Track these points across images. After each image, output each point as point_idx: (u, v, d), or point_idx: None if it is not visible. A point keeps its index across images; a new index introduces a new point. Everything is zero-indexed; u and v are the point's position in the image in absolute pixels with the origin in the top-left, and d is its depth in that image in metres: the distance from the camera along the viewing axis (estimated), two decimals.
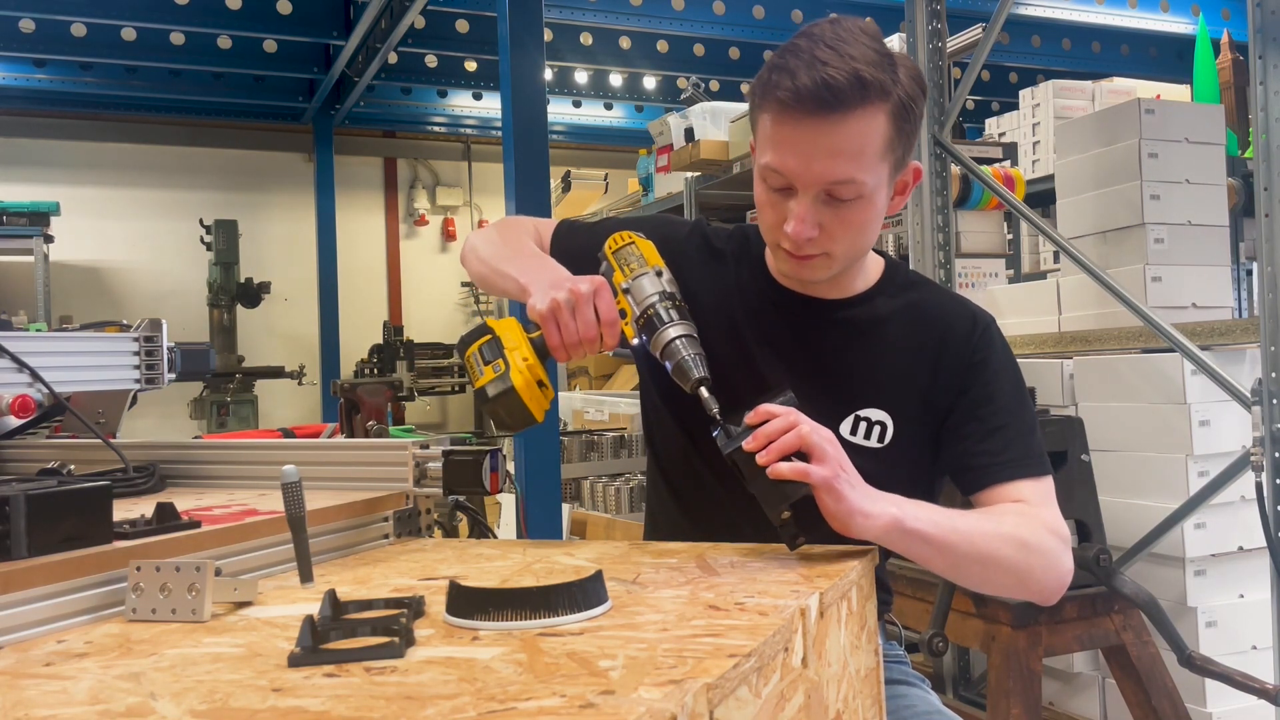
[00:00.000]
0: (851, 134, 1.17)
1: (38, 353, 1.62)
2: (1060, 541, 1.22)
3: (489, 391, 1.17)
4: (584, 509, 4.90)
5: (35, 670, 0.80)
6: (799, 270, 1.28)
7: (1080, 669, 2.80)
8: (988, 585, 1.25)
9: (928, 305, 1.36)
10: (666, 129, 5.20)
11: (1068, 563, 1.22)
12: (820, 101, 1.15)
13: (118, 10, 5.95)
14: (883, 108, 1.17)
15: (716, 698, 0.69)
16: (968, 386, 1.31)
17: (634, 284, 1.23)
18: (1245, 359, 2.56)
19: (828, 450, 1.08)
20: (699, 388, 1.17)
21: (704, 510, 1.39)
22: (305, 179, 8.46)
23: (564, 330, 1.17)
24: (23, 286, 6.93)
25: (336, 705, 0.67)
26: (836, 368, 1.34)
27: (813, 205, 1.20)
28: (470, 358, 1.20)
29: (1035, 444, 1.29)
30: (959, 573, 1.21)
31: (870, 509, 1.08)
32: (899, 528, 1.10)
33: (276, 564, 1.14)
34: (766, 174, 1.23)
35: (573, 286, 1.18)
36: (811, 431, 1.08)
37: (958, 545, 1.15)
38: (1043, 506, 1.25)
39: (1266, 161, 2.26)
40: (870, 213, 1.23)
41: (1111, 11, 6.16)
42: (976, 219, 3.74)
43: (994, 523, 1.20)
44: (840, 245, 1.24)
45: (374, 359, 7.92)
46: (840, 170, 1.18)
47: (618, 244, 1.28)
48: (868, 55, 1.16)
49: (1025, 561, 1.19)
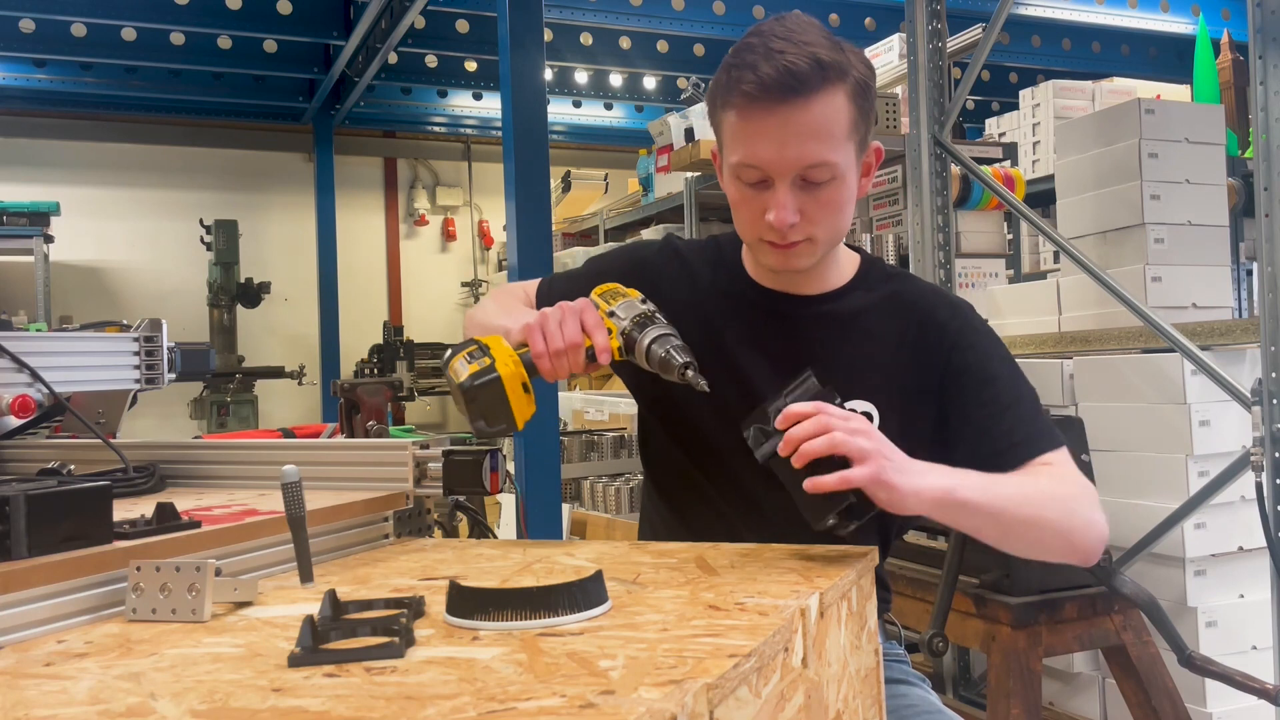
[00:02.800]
0: (818, 115, 1.20)
1: (38, 353, 1.63)
2: (1093, 500, 1.24)
3: (474, 381, 1.14)
4: (584, 509, 4.91)
5: (35, 670, 0.80)
6: (784, 260, 1.30)
7: (1080, 669, 2.80)
8: (1036, 549, 1.24)
9: (905, 295, 1.38)
10: (666, 129, 5.20)
11: (1104, 520, 1.24)
12: (785, 88, 1.18)
13: (118, 10, 5.94)
14: (842, 88, 1.21)
15: (716, 698, 0.69)
16: (960, 376, 1.31)
17: (617, 308, 1.24)
18: (1245, 359, 2.56)
19: (864, 446, 1.06)
20: (685, 371, 1.16)
21: (703, 520, 1.39)
22: (305, 179, 8.45)
23: (549, 338, 1.17)
24: (23, 286, 6.92)
25: (336, 705, 0.67)
26: (819, 362, 1.34)
27: (790, 192, 1.22)
28: (455, 364, 1.18)
29: (1044, 418, 1.32)
30: (1008, 537, 1.21)
31: (921, 485, 1.09)
32: (951, 499, 1.11)
33: (276, 564, 1.14)
34: (740, 171, 1.25)
35: (560, 303, 1.21)
36: (845, 434, 1.06)
37: (1006, 509, 1.16)
38: (1069, 469, 1.26)
39: (1266, 161, 2.26)
40: (845, 193, 1.26)
41: (1111, 11, 6.16)
42: (976, 219, 3.75)
43: (1036, 485, 1.21)
44: (821, 228, 1.27)
45: (374, 359, 7.93)
46: (812, 153, 1.20)
47: (603, 289, 1.30)
48: (820, 41, 1.21)
49: (1069, 522, 1.21)
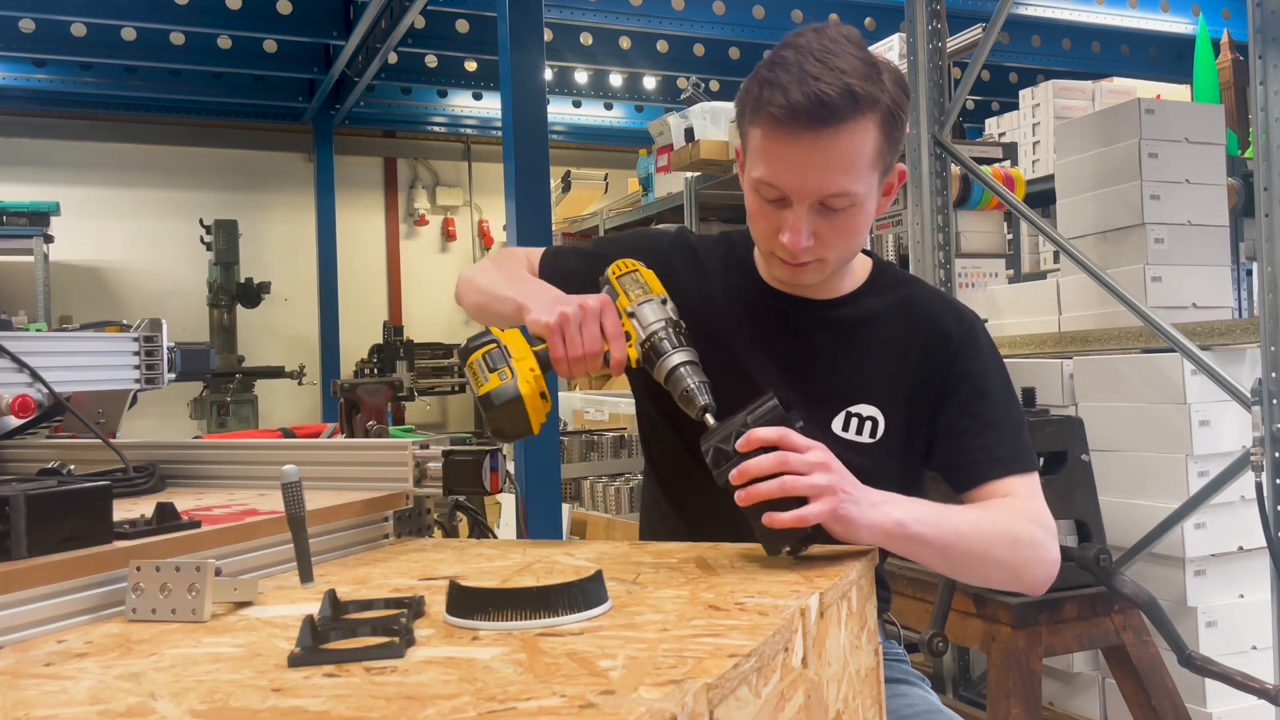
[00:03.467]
0: (844, 147, 1.18)
1: (38, 353, 1.62)
2: (1048, 534, 1.26)
3: (494, 399, 1.16)
4: (584, 509, 4.91)
5: (35, 670, 0.80)
6: (794, 276, 1.31)
7: (1080, 669, 2.80)
8: (983, 580, 1.26)
9: (916, 302, 1.38)
10: (666, 129, 5.21)
11: (1055, 554, 1.26)
12: (813, 117, 1.16)
13: (118, 10, 5.94)
14: (873, 119, 1.19)
15: (716, 698, 0.69)
16: (957, 385, 1.33)
17: (638, 309, 1.23)
18: (1245, 359, 2.56)
19: (820, 483, 1.05)
20: (704, 415, 1.16)
21: (707, 521, 1.38)
22: (305, 179, 8.45)
23: (569, 343, 1.17)
24: (23, 286, 6.92)
25: (336, 705, 0.67)
26: (828, 366, 1.35)
27: (807, 216, 1.22)
28: (474, 364, 1.19)
29: (1024, 440, 1.32)
30: (956, 569, 1.23)
31: (875, 519, 1.09)
32: (902, 532, 1.12)
33: (276, 564, 1.14)
34: (760, 187, 1.24)
35: (581, 302, 1.19)
36: (800, 471, 1.05)
37: (955, 545, 1.17)
38: (1030, 500, 1.28)
39: (1266, 161, 2.26)
40: (862, 219, 1.26)
41: (1111, 11, 6.16)
42: (976, 219, 3.74)
43: (989, 520, 1.22)
44: (834, 251, 1.27)
45: (374, 359, 7.93)
46: (834, 183, 1.19)
47: (621, 270, 1.29)
48: (856, 67, 1.18)
49: (1019, 557, 1.22)
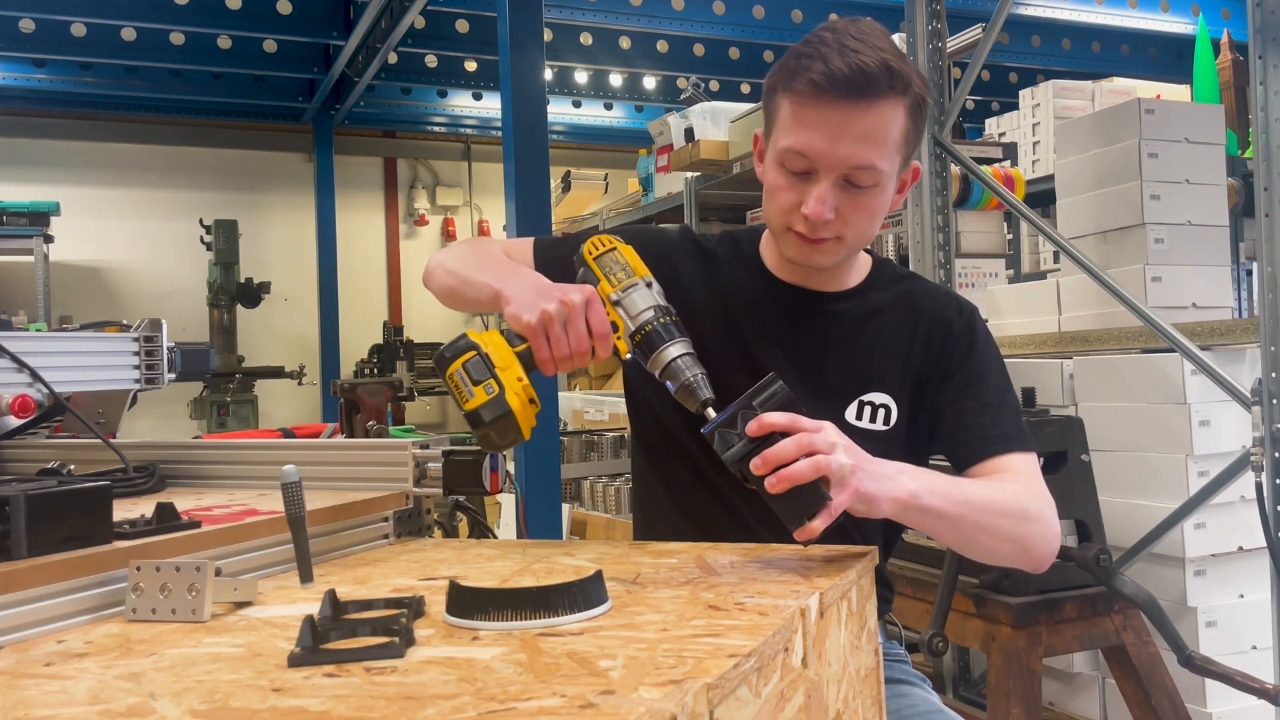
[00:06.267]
0: (875, 122, 1.21)
1: (38, 353, 1.62)
2: (1052, 511, 1.27)
3: (484, 415, 1.09)
4: (584, 509, 4.91)
5: (35, 670, 0.80)
6: (809, 254, 1.30)
7: (1080, 669, 2.80)
8: (988, 554, 1.26)
9: (917, 294, 1.42)
10: (666, 129, 5.20)
11: (1058, 530, 1.28)
12: (853, 85, 1.18)
13: (118, 10, 5.94)
14: (904, 101, 1.22)
15: (716, 698, 0.69)
16: (957, 368, 1.36)
17: (625, 296, 1.16)
18: (1245, 359, 2.56)
19: (844, 462, 1.04)
20: (705, 409, 1.12)
21: (708, 513, 1.38)
22: (305, 179, 8.45)
23: (554, 344, 1.10)
24: (23, 286, 6.92)
25: (336, 705, 0.67)
26: (840, 356, 1.37)
27: (831, 188, 1.23)
28: (455, 376, 1.10)
29: (1022, 421, 1.35)
30: (965, 542, 1.23)
31: (892, 491, 1.10)
32: (915, 504, 1.13)
33: (276, 564, 1.14)
34: (786, 156, 1.24)
35: (563, 297, 1.11)
36: (827, 458, 1.03)
37: (966, 516, 1.18)
38: (1033, 478, 1.30)
39: (1266, 161, 2.26)
40: (882, 200, 1.28)
41: (1111, 11, 6.16)
42: (976, 219, 3.74)
43: (997, 493, 1.23)
44: (852, 230, 1.28)
45: (374, 359, 7.92)
46: (863, 155, 1.21)
47: (598, 249, 1.20)
48: (892, 50, 1.22)
49: (1026, 530, 1.24)
